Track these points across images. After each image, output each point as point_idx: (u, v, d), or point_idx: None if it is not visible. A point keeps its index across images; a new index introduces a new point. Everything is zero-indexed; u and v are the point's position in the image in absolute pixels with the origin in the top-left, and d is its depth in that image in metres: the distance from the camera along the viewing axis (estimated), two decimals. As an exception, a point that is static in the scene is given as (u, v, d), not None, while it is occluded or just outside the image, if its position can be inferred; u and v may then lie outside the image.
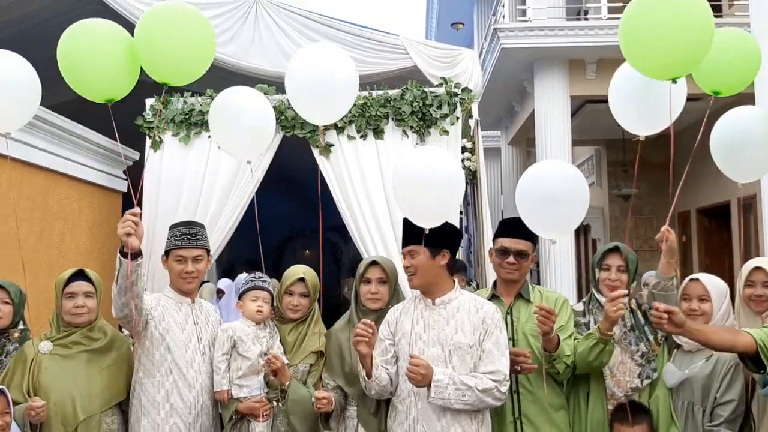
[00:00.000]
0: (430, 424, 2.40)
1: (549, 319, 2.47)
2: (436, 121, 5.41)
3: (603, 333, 2.53)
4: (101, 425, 2.61)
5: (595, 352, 2.57)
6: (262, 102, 3.13)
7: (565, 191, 2.46)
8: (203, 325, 2.85)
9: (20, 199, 4.36)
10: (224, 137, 3.18)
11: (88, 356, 2.66)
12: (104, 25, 2.52)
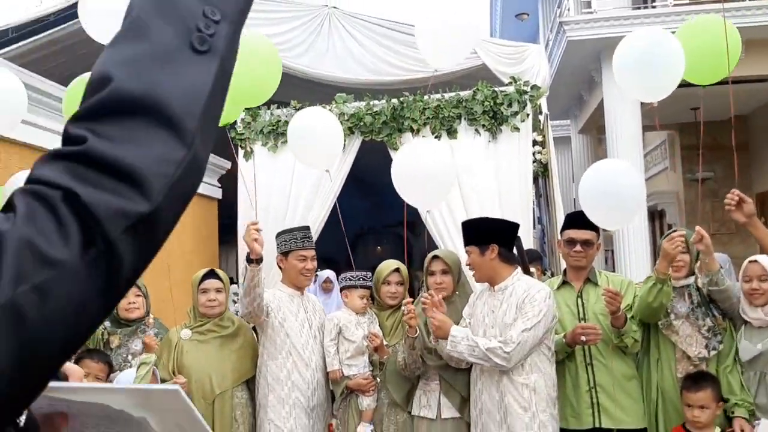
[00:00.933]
0: (489, 391, 2.81)
1: (615, 299, 2.82)
2: (507, 119, 5.75)
3: (661, 273, 2.87)
4: (233, 399, 3.15)
5: (654, 293, 2.89)
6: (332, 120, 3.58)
7: (621, 189, 2.80)
8: (312, 313, 3.34)
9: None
10: (301, 154, 3.68)
11: (221, 341, 3.19)
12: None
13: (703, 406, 2.86)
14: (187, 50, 0.58)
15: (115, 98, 0.54)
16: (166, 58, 0.57)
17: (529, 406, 2.75)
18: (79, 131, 0.54)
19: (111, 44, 0.59)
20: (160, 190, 0.54)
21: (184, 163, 0.56)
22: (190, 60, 0.58)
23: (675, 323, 3.05)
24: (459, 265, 3.28)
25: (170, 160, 0.55)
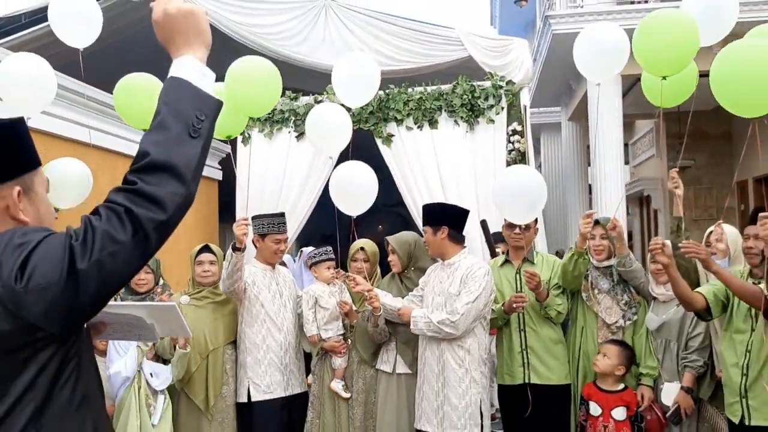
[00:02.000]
0: (434, 351, 3.44)
1: (533, 280, 3.48)
2: (483, 112, 6.35)
3: (578, 247, 3.53)
4: (224, 355, 3.80)
5: (573, 261, 3.55)
6: (343, 114, 4.19)
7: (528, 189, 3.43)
8: (282, 285, 3.96)
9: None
10: (320, 143, 4.29)
11: (214, 306, 3.84)
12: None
13: (606, 355, 3.51)
14: (187, 136, 1.21)
15: (150, 164, 1.17)
16: (177, 141, 1.20)
17: (463, 363, 3.38)
18: (133, 178, 1.16)
19: (148, 132, 1.21)
20: (172, 208, 1.17)
21: (184, 196, 1.19)
22: (188, 142, 1.21)
23: (598, 297, 3.68)
24: (408, 250, 3.89)
25: (177, 194, 1.18)
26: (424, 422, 3.46)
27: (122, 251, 1.12)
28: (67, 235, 1.12)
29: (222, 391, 3.78)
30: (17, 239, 1.13)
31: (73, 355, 1.23)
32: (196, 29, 1.36)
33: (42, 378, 1.16)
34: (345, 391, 3.84)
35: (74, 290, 1.10)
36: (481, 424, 3.39)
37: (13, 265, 1.09)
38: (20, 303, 1.09)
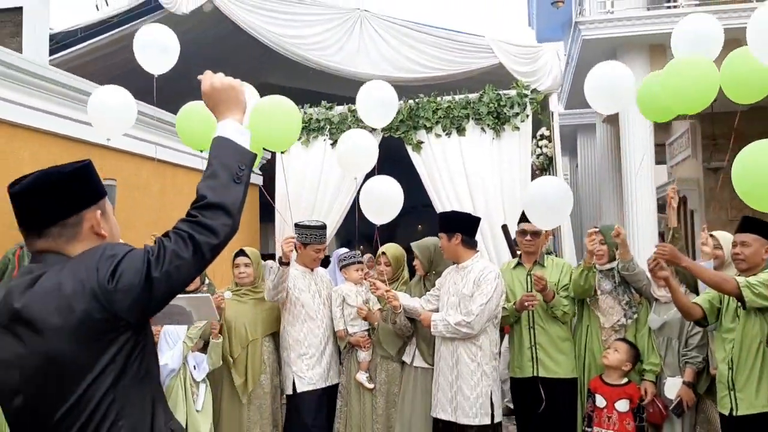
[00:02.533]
0: (449, 347, 3.83)
1: (540, 282, 3.85)
2: (509, 119, 6.69)
3: (586, 262, 3.89)
4: (262, 346, 4.26)
5: (583, 276, 3.91)
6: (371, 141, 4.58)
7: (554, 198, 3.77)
8: (320, 285, 4.40)
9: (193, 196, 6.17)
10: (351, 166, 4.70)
11: (254, 302, 4.30)
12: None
13: (616, 350, 3.84)
14: (233, 183, 1.64)
15: (207, 204, 1.60)
16: (225, 186, 1.64)
17: (475, 358, 3.76)
18: (194, 213, 1.60)
19: (204, 179, 1.64)
20: (222, 236, 1.61)
21: (231, 226, 1.63)
22: (234, 187, 1.65)
23: (600, 297, 4.02)
24: (429, 254, 4.28)
25: (227, 225, 1.62)
26: (439, 411, 3.85)
27: (185, 266, 1.56)
28: (145, 251, 1.55)
29: (260, 379, 4.24)
30: (108, 252, 1.57)
31: (141, 340, 1.66)
32: (235, 99, 1.78)
33: (120, 355, 1.59)
34: (369, 382, 4.25)
35: (149, 291, 1.54)
36: (492, 413, 3.76)
37: (107, 271, 1.52)
38: (110, 299, 1.52)
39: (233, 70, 7.38)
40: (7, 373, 1.53)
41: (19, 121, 4.26)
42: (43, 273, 1.57)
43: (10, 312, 1.54)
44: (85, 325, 1.51)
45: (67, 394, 1.52)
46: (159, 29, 4.19)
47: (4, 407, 1.57)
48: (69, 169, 1.65)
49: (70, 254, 1.62)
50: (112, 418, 1.56)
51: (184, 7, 8.53)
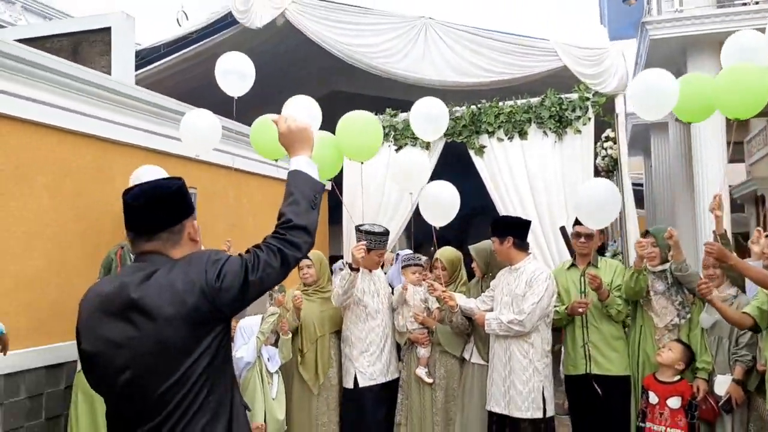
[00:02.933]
0: (502, 345, 4.06)
1: (594, 281, 4.01)
2: (571, 122, 6.80)
3: (636, 266, 4.05)
4: (329, 341, 4.61)
5: (633, 279, 4.06)
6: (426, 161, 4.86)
7: (603, 200, 3.95)
8: (379, 286, 4.69)
9: (263, 202, 6.61)
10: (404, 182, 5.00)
11: (321, 301, 4.66)
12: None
13: (671, 349, 3.98)
14: (311, 208, 2.00)
15: (293, 225, 1.96)
16: (306, 211, 2.00)
17: (527, 354, 3.98)
18: (282, 231, 1.95)
19: (287, 205, 2.00)
20: (304, 251, 1.97)
21: (311, 243, 1.99)
22: (312, 212, 2.01)
23: (654, 298, 4.16)
24: (486, 256, 4.52)
25: (308, 242, 1.98)
26: (493, 404, 4.10)
27: (274, 273, 1.93)
28: (243, 259, 1.91)
29: (328, 373, 4.58)
30: (213, 257, 1.92)
31: (227, 330, 2.01)
32: (307, 138, 2.16)
33: (215, 341, 1.92)
34: (428, 377, 4.53)
35: (245, 292, 1.89)
36: (544, 408, 3.98)
37: (214, 273, 1.87)
38: (215, 296, 1.86)
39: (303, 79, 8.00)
40: (117, 352, 1.86)
41: (110, 136, 4.74)
42: (155, 270, 1.90)
43: (126, 301, 1.87)
44: (193, 315, 1.85)
45: (171, 372, 1.85)
46: (238, 57, 4.61)
47: (109, 382, 1.90)
48: (174, 187, 2.01)
49: (172, 256, 1.97)
50: (204, 394, 1.89)
51: (258, 22, 9.03)
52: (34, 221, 4.10)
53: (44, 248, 4.17)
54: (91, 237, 4.46)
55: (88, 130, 4.51)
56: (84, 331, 1.93)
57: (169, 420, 1.85)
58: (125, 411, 1.90)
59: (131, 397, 1.88)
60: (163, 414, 1.85)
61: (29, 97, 4.05)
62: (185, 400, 1.86)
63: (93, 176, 4.50)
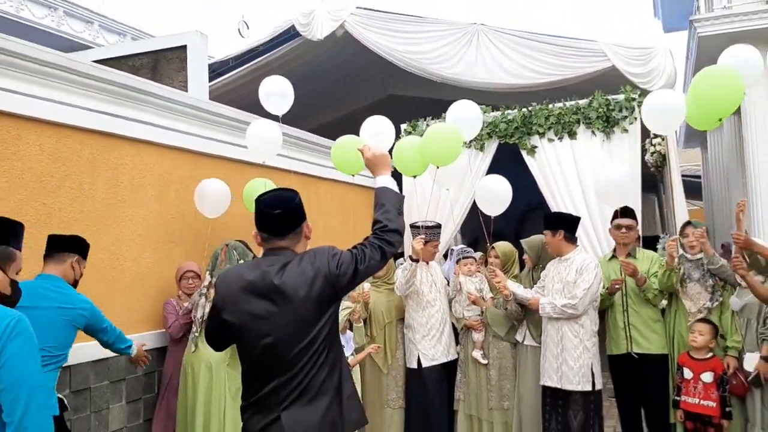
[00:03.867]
0: (554, 326, 4.65)
1: (628, 267, 4.58)
2: (618, 122, 7.29)
3: (668, 264, 4.57)
4: (396, 327, 5.28)
5: (666, 275, 4.61)
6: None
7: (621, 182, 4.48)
8: (435, 277, 5.34)
9: (330, 202, 7.33)
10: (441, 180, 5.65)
11: (387, 291, 5.35)
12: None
13: (701, 333, 4.50)
14: (398, 214, 2.71)
15: (389, 228, 2.65)
16: (396, 218, 2.70)
17: (578, 334, 4.57)
18: (381, 233, 2.66)
19: (381, 213, 2.70)
20: (398, 246, 2.68)
21: (401, 241, 2.69)
22: (400, 217, 2.71)
23: (689, 285, 4.68)
24: (537, 249, 5.11)
25: (400, 241, 2.68)
26: (546, 379, 4.69)
27: (375, 264, 2.62)
28: (353, 253, 2.58)
29: (396, 354, 5.26)
30: (332, 251, 2.60)
31: (338, 306, 2.69)
32: (386, 162, 2.85)
33: (333, 314, 2.61)
34: (483, 358, 5.16)
35: (355, 277, 2.58)
36: (593, 381, 4.56)
37: (335, 264, 2.55)
38: (335, 281, 2.55)
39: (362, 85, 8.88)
40: (259, 323, 2.55)
41: (203, 150, 5.50)
42: (288, 262, 2.58)
43: (269, 285, 2.55)
44: (320, 295, 2.54)
45: (302, 338, 2.53)
46: (279, 80, 5.33)
47: (253, 344, 2.56)
48: (297, 199, 2.70)
49: (296, 250, 2.66)
50: (325, 354, 2.57)
51: (319, 34, 9.77)
52: (145, 225, 4.90)
53: (153, 248, 4.97)
54: (190, 237, 5.25)
55: (184, 145, 5.29)
56: (228, 306, 2.64)
57: (300, 373, 2.53)
58: (265, 367, 2.57)
59: (270, 357, 2.55)
60: (295, 369, 2.53)
61: (139, 119, 4.85)
62: (312, 358, 2.53)
63: (189, 185, 5.27)
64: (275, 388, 2.53)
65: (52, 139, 4.23)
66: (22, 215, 3.94)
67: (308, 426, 2.49)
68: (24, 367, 2.27)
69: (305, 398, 2.52)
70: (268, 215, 2.64)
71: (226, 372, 4.52)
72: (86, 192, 4.46)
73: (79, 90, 4.37)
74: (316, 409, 2.51)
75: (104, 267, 4.53)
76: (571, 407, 4.60)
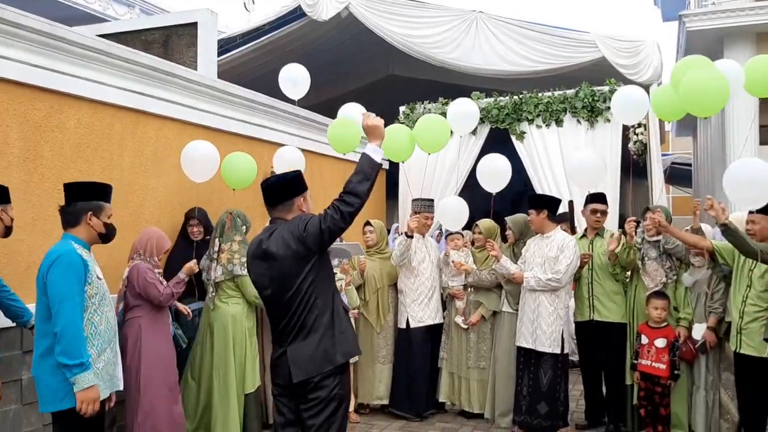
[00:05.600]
0: (532, 295, 5.34)
1: (612, 256, 5.30)
2: (601, 112, 7.95)
3: (628, 242, 5.26)
4: (386, 292, 5.98)
5: (625, 252, 5.26)
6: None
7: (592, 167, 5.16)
8: (429, 249, 6.03)
9: (331, 178, 7.99)
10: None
11: (380, 260, 6.04)
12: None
13: (661, 308, 5.19)
14: (365, 179, 3.25)
15: (348, 191, 3.21)
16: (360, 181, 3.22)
17: (553, 303, 5.28)
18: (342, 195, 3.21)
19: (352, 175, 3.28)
20: (357, 208, 3.20)
21: (362, 203, 3.23)
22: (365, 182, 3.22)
23: (647, 263, 5.36)
24: (520, 226, 5.78)
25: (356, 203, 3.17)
26: (522, 341, 5.42)
27: (337, 222, 3.12)
28: (320, 215, 3.14)
29: (388, 317, 5.97)
30: (304, 218, 3.18)
31: (322, 262, 3.25)
32: (380, 132, 3.32)
33: (313, 267, 3.19)
34: (464, 323, 5.88)
35: (321, 235, 3.13)
36: (562, 346, 5.29)
37: (303, 226, 3.14)
38: (305, 240, 3.14)
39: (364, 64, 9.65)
40: (261, 279, 3.27)
41: (220, 127, 6.13)
42: (275, 230, 3.26)
43: (262, 250, 3.25)
44: (296, 254, 3.19)
45: (290, 288, 3.20)
46: (296, 67, 5.98)
47: (262, 295, 3.30)
48: (290, 176, 3.36)
49: (287, 220, 3.29)
50: (313, 299, 3.22)
51: (324, 14, 10.35)
52: (165, 192, 5.56)
53: (171, 214, 5.63)
54: (204, 205, 5.91)
55: (201, 122, 5.93)
56: (249, 268, 3.39)
57: (294, 315, 3.21)
58: (272, 312, 3.31)
59: (273, 304, 3.28)
60: (290, 312, 3.22)
61: (163, 98, 5.48)
62: (302, 303, 3.20)
63: (204, 158, 5.91)
64: (282, 328, 3.27)
65: (88, 114, 4.87)
66: (62, 180, 4.59)
67: (304, 355, 3.19)
68: (58, 287, 3.20)
69: (302, 335, 3.21)
70: (263, 189, 3.35)
71: (246, 318, 5.19)
72: (115, 161, 5.10)
73: (113, 71, 5.00)
74: (311, 342, 3.20)
75: (127, 227, 5.15)
76: (542, 366, 5.34)
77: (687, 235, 5.01)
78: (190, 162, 5.40)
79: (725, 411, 5.06)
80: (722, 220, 4.52)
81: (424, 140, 5.42)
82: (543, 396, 5.31)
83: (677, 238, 5.04)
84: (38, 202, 4.47)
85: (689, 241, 4.98)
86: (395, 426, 5.77)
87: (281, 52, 10.96)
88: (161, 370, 4.58)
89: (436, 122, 5.51)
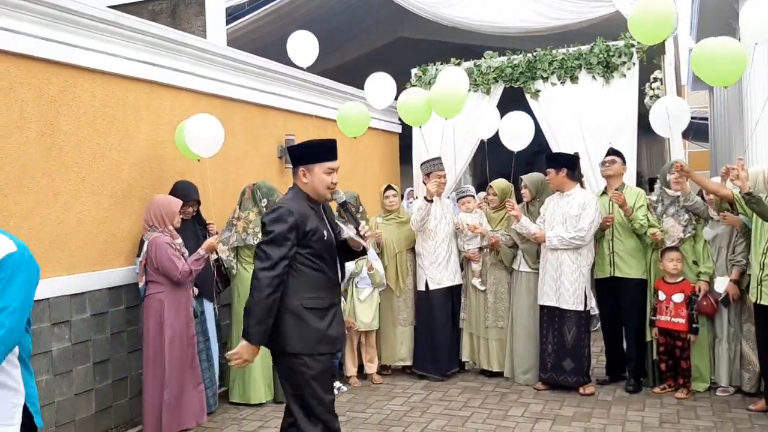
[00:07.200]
0: (554, 253, 5.37)
1: (618, 198, 5.29)
2: (617, 68, 7.86)
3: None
4: (406, 256, 6.03)
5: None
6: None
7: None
8: (445, 211, 6.05)
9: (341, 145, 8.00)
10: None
11: (397, 224, 6.09)
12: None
13: (677, 260, 5.20)
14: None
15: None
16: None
17: (575, 261, 5.32)
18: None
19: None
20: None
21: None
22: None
23: (664, 220, 5.36)
24: (537, 184, 5.79)
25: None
26: (546, 299, 5.48)
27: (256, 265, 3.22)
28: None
29: (407, 280, 6.03)
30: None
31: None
32: None
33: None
34: (481, 285, 5.96)
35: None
36: (585, 303, 5.35)
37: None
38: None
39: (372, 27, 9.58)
40: None
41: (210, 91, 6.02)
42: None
43: None
44: None
45: None
46: (304, 34, 5.95)
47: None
48: (297, 145, 3.51)
49: (295, 184, 3.43)
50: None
51: (333, -23, 10.23)
52: (183, 164, 5.59)
53: (189, 184, 5.67)
54: (222, 174, 5.94)
55: (216, 91, 5.95)
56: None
57: None
58: None
59: None
60: None
61: (176, 68, 5.48)
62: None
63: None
64: None
65: (102, 86, 4.89)
66: (80, 154, 4.66)
67: None
68: None
69: None
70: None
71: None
72: (131, 133, 5.13)
73: (126, 42, 5.00)
74: None
75: (149, 200, 5.22)
76: (566, 324, 5.42)
77: (708, 181, 5.10)
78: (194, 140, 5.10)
79: (747, 362, 5.11)
80: (746, 190, 4.55)
81: (441, 107, 5.42)
82: (568, 353, 5.41)
83: (698, 183, 5.11)
84: (58, 176, 4.51)
85: (710, 188, 5.02)
86: (418, 386, 5.87)
87: (289, 18, 10.86)
88: (183, 349, 4.61)
89: (451, 88, 5.51)
